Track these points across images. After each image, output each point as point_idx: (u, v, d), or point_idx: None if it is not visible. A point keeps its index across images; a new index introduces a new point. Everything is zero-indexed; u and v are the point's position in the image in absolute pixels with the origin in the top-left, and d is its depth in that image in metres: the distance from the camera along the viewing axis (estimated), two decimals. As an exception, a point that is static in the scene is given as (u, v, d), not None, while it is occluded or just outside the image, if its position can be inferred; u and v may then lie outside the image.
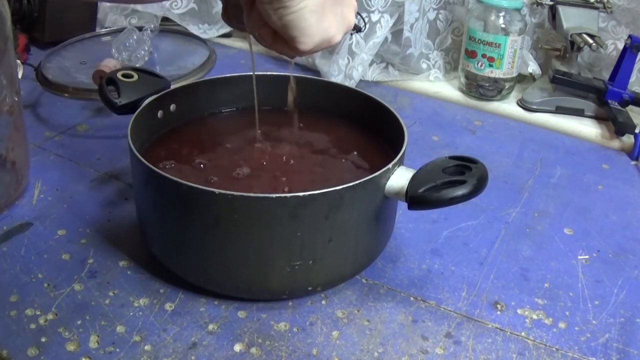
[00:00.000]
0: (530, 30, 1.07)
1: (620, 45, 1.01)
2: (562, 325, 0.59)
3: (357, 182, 0.53)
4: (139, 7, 1.13)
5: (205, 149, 0.66)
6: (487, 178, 0.55)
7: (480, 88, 1.03)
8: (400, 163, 0.58)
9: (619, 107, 0.96)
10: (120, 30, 1.04)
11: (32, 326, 0.54)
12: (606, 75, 1.03)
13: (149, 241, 0.61)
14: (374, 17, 1.00)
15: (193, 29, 1.14)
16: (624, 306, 0.62)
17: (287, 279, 0.56)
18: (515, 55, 0.99)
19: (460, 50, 1.04)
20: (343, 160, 0.67)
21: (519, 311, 0.60)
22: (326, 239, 0.55)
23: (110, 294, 0.58)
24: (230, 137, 0.69)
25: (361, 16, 0.98)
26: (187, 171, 0.62)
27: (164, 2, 1.12)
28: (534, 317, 0.59)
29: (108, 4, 1.14)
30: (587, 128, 0.97)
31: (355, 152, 0.67)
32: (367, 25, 1.00)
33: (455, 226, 0.71)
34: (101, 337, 0.54)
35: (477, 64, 1.00)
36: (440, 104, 1.04)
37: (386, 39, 1.04)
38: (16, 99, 0.68)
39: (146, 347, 0.53)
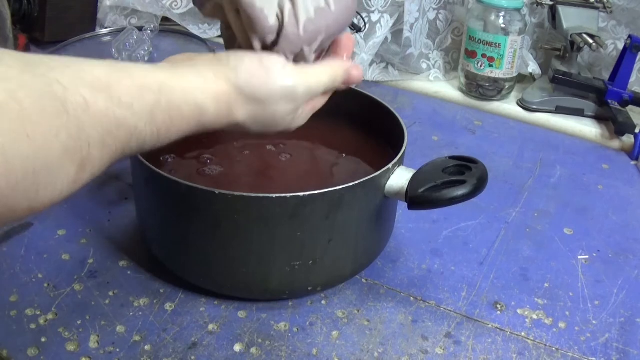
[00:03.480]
0: (530, 30, 1.07)
1: (620, 45, 1.01)
2: (562, 325, 0.59)
3: (357, 182, 0.53)
4: (138, 7, 1.13)
5: (205, 147, 0.66)
6: (487, 178, 0.55)
7: (480, 88, 1.03)
8: (400, 163, 0.58)
9: (619, 107, 0.96)
10: (120, 30, 1.04)
11: (32, 326, 0.54)
12: (606, 75, 1.03)
13: (149, 241, 0.61)
14: (374, 17, 1.00)
15: (193, 29, 1.14)
16: (624, 306, 0.62)
17: (287, 279, 0.56)
18: (515, 55, 0.99)
19: (460, 50, 1.04)
20: (342, 159, 0.67)
21: (519, 311, 0.60)
22: (326, 239, 0.55)
23: (110, 294, 0.58)
24: (229, 136, 0.69)
25: (361, 16, 0.98)
26: (188, 166, 0.62)
27: (164, 2, 1.12)
28: (534, 317, 0.59)
29: (108, 3, 1.14)
30: (587, 128, 0.97)
31: (355, 152, 0.67)
32: (367, 25, 1.00)
33: (455, 226, 0.71)
34: (101, 337, 0.54)
35: (477, 64, 1.00)
36: (440, 104, 1.04)
37: (386, 39, 1.04)
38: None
39: (146, 347, 0.53)
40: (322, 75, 0.49)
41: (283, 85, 0.46)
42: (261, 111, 0.46)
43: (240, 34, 0.49)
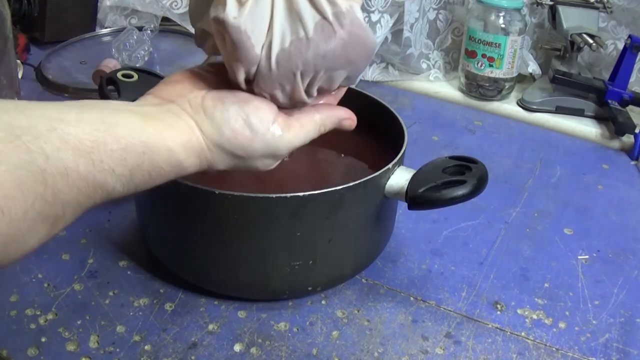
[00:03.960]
0: (530, 30, 1.07)
1: (620, 45, 1.01)
2: (562, 325, 0.59)
3: (357, 182, 0.53)
4: (138, 7, 1.13)
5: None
6: (487, 178, 0.55)
7: (480, 88, 1.03)
8: (400, 163, 0.58)
9: (619, 107, 0.96)
10: (120, 30, 1.05)
11: (32, 326, 0.54)
12: (606, 75, 1.03)
13: (149, 241, 0.61)
14: (374, 17, 1.00)
15: (193, 29, 1.14)
16: (624, 306, 0.62)
17: (287, 279, 0.56)
18: (515, 55, 0.99)
19: (460, 50, 1.04)
20: (342, 160, 0.67)
21: (519, 311, 0.60)
22: (326, 239, 0.55)
23: (110, 294, 0.58)
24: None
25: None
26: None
27: (164, 2, 1.12)
28: (534, 317, 0.59)
29: (108, 3, 1.14)
30: (587, 128, 0.97)
31: (355, 152, 0.67)
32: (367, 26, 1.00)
33: (455, 226, 0.71)
34: (101, 337, 0.54)
35: (477, 64, 1.00)
36: (440, 104, 1.04)
37: (386, 39, 1.04)
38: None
39: (146, 347, 0.53)
40: (310, 130, 0.47)
41: (266, 146, 0.44)
42: (242, 164, 0.45)
43: (227, 65, 0.45)
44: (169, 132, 0.41)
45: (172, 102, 0.44)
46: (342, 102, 0.72)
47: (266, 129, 0.44)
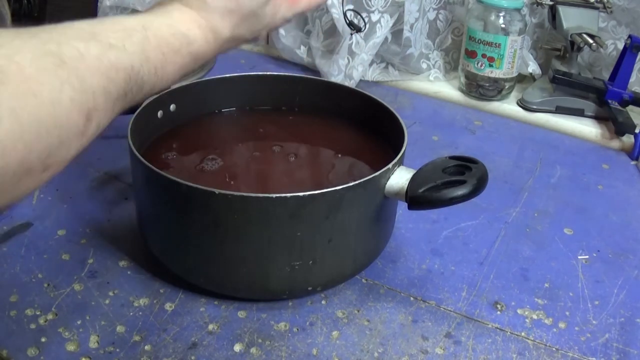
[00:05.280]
0: (530, 30, 1.07)
1: (620, 45, 1.01)
2: (562, 325, 0.59)
3: (357, 182, 0.53)
4: (138, 6, 1.13)
5: (205, 148, 0.66)
6: (487, 178, 0.55)
7: (480, 88, 1.03)
8: (400, 163, 0.58)
9: (619, 107, 0.96)
10: (120, 30, 1.04)
11: (32, 326, 0.54)
12: (606, 75, 1.03)
13: (149, 241, 0.61)
14: (374, 17, 1.00)
15: None
16: (624, 306, 0.62)
17: (287, 279, 0.56)
18: (515, 55, 0.99)
19: (460, 50, 1.04)
20: (342, 160, 0.67)
21: (519, 311, 0.60)
22: (326, 239, 0.55)
23: (110, 294, 0.58)
24: (230, 136, 0.69)
25: (361, 16, 0.98)
26: (189, 165, 0.62)
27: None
28: (534, 317, 0.59)
29: (108, 3, 1.14)
30: (587, 128, 0.97)
31: (355, 152, 0.67)
32: (367, 25, 1.00)
33: (455, 226, 0.71)
34: (101, 337, 0.54)
35: (477, 64, 1.00)
36: (440, 104, 1.04)
37: (386, 39, 1.04)
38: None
39: (146, 347, 0.53)
40: None
41: None
42: (240, 17, 0.48)
43: None
44: (160, 14, 0.45)
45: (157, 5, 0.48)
46: (343, 102, 0.72)
47: None
